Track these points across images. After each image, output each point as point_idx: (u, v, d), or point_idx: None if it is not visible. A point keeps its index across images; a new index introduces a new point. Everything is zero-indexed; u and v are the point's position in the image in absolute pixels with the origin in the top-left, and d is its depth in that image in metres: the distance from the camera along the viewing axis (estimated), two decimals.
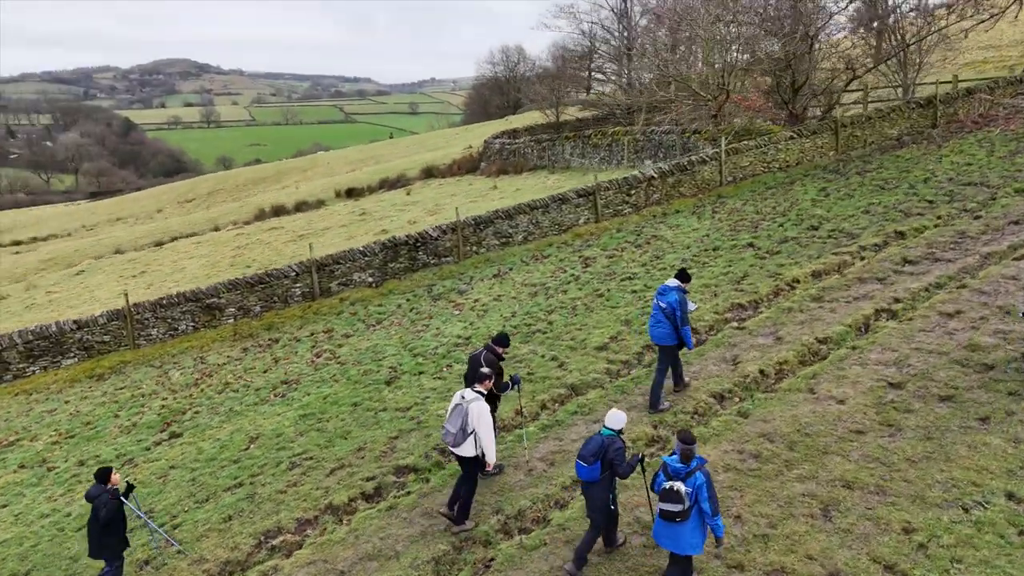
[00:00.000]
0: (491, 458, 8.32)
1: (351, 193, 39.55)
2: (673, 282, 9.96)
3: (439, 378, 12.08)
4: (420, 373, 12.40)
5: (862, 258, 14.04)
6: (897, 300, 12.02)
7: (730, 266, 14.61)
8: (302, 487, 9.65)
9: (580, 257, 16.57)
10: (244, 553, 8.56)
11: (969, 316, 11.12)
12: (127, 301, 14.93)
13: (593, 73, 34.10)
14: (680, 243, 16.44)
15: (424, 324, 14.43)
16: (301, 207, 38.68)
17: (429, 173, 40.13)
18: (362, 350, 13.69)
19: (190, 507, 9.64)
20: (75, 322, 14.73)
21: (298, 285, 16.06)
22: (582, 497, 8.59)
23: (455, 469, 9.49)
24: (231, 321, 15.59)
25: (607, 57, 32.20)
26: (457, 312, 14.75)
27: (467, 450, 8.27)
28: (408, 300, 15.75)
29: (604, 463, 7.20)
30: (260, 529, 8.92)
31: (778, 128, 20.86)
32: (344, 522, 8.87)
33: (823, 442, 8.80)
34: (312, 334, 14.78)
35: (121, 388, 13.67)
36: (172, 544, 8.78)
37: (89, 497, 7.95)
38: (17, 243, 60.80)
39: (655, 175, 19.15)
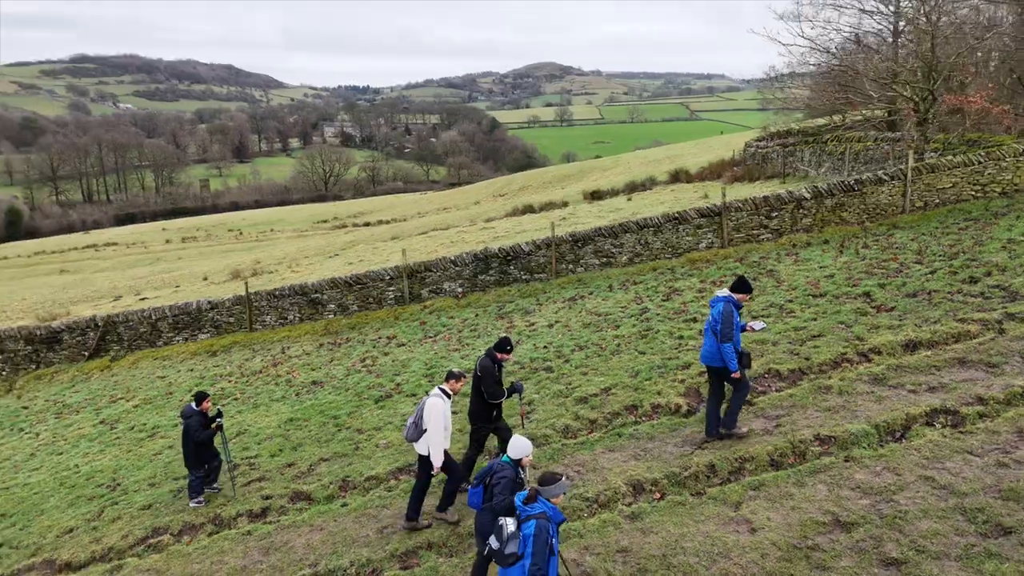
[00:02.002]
0: (436, 461, 8.02)
1: (594, 195, 39.33)
2: (724, 292, 8.52)
3: None
4: (412, 395, 12.11)
5: (1001, 331, 10.08)
6: (981, 400, 8.47)
7: (815, 319, 11.59)
8: (215, 494, 10.16)
9: (669, 288, 14.51)
10: (128, 544, 9.32)
11: None
12: (246, 288, 17.00)
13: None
14: (789, 283, 13.46)
15: (467, 343, 14.00)
16: (546, 207, 39.61)
17: (676, 177, 38.10)
18: (398, 362, 13.79)
19: (143, 488, 10.78)
20: (208, 302, 17.23)
21: (391, 289, 16.66)
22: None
23: (336, 508, 9.21)
24: (330, 316, 16.81)
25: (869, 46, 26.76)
26: (505, 335, 14.01)
27: (421, 447, 8.09)
28: (477, 315, 15.38)
29: (487, 489, 6.49)
30: (155, 524, 9.62)
31: (1009, 139, 15.66)
32: (212, 535, 9.16)
33: None
34: (379, 338, 15.28)
35: (216, 366, 15.67)
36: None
37: (183, 415, 9.96)
38: (367, 224, 72.24)
39: (807, 196, 15.81)
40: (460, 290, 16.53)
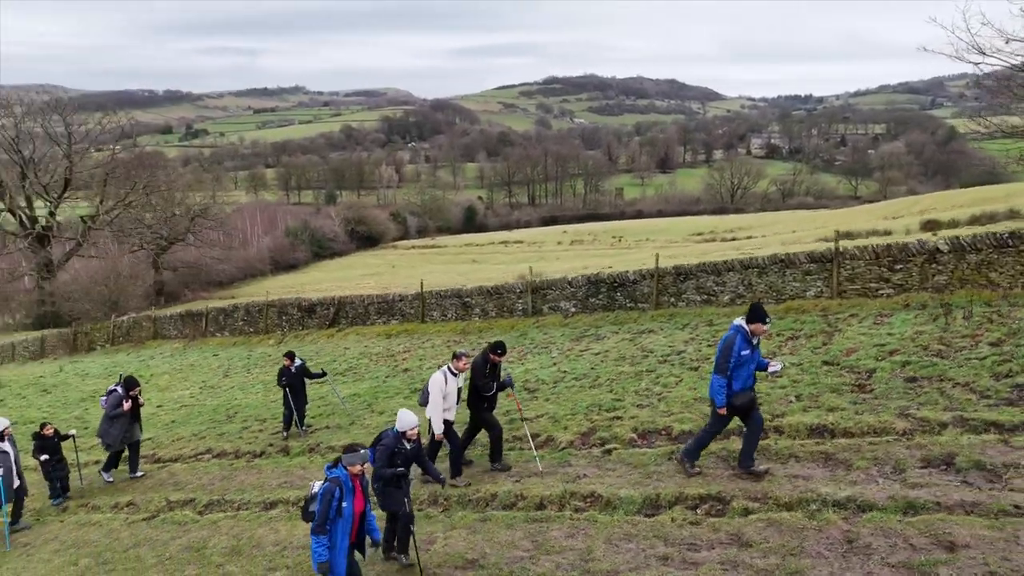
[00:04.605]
0: (435, 428, 9.25)
1: (929, 226, 33.86)
2: (739, 320, 8.05)
3: None
4: None
5: (935, 433, 8.00)
6: (764, 498, 7.33)
7: (783, 388, 10.28)
8: (261, 434, 13.66)
9: None
10: (187, 454, 13.37)
11: (733, 555, 6.36)
12: (421, 287, 20.42)
13: None
14: (832, 347, 11.66)
15: (528, 357, 15.20)
16: (869, 234, 35.52)
17: None
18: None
19: (237, 421, 14.84)
20: (399, 295, 21.11)
21: (520, 301, 18.39)
22: None
23: (287, 462, 11.91)
24: (475, 319, 19.28)
25: None
26: (551, 356, 14.87)
27: (427, 412, 9.39)
28: (562, 334, 16.26)
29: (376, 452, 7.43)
30: (212, 446, 13.50)
31: None
32: (226, 462, 12.62)
33: None
34: (479, 344, 17.27)
35: (378, 346, 19.41)
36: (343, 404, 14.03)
37: None
38: (734, 239, 72.02)
39: (943, 248, 12.86)
40: (573, 309, 17.50)
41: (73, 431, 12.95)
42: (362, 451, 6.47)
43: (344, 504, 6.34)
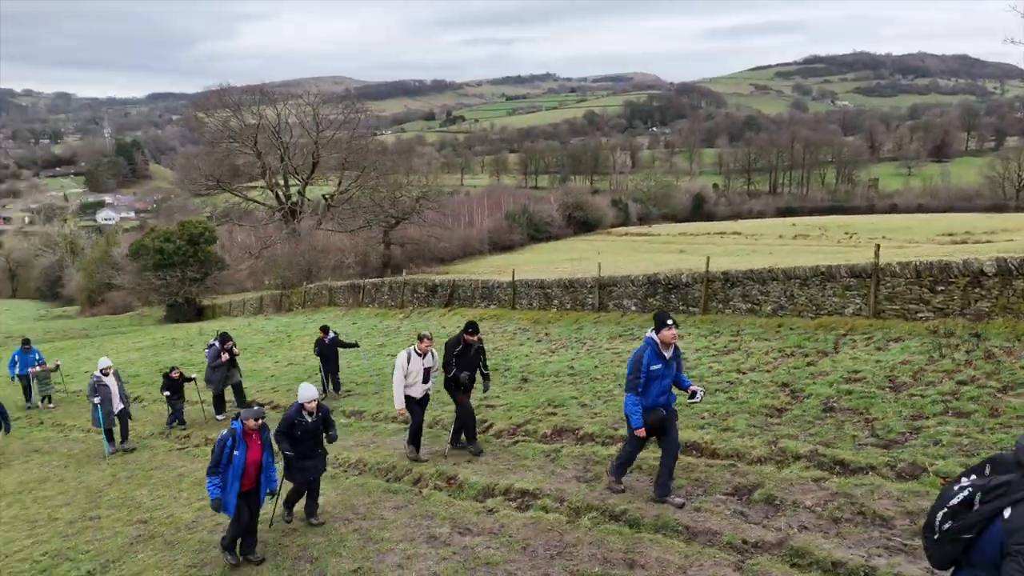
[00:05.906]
0: (396, 403, 9.92)
1: None
2: (650, 331, 7.44)
3: None
4: None
5: (783, 465, 7.57)
6: (565, 500, 7.58)
7: (713, 402, 9.95)
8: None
9: (736, 346, 12.95)
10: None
11: (477, 543, 6.84)
12: (513, 276, 21.42)
13: None
14: (816, 368, 10.86)
15: (563, 350, 15.69)
16: None
17: None
18: (502, 350, 16.58)
19: (301, 379, 17.16)
20: (496, 281, 22.30)
21: (590, 296, 18.68)
22: None
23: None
24: (552, 309, 19.91)
25: None
26: (578, 351, 15.19)
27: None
28: (609, 331, 16.38)
29: None
30: (274, 399, 15.90)
31: None
32: (269, 411, 14.90)
33: None
34: (538, 333, 17.91)
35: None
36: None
37: None
38: (989, 242, 63.54)
39: (989, 271, 11.06)
40: (633, 308, 17.47)
41: (195, 375, 16.04)
42: (256, 408, 7.61)
43: (236, 453, 7.33)
